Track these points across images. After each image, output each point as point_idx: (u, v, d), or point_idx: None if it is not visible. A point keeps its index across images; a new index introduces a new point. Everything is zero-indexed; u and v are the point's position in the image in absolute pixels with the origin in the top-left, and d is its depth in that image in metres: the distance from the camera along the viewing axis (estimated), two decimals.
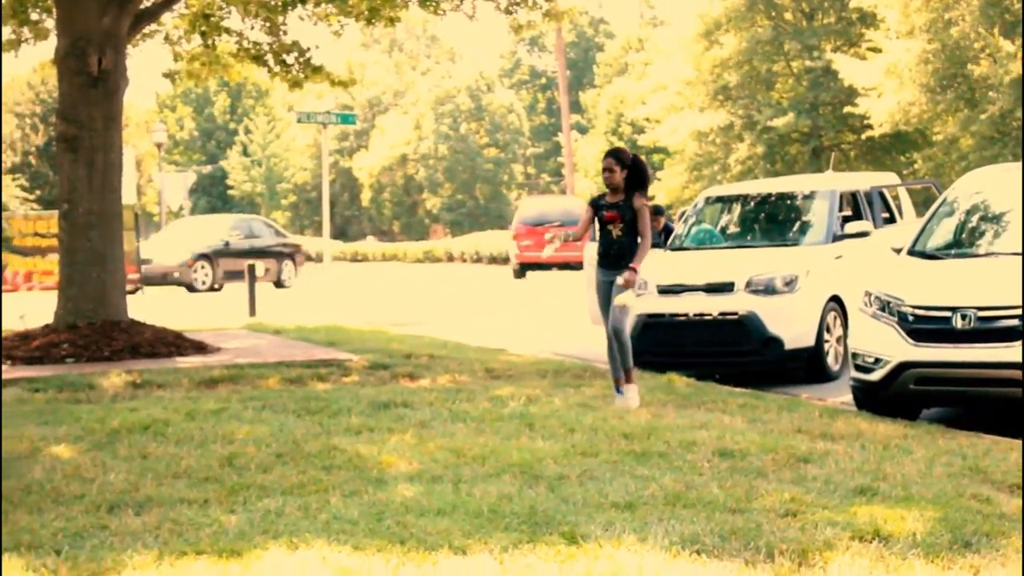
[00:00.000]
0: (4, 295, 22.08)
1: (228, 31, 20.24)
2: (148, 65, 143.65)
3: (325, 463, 8.36)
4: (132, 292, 21.60)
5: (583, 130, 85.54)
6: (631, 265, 11.03)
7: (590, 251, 16.24)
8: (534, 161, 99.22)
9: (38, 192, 49.29)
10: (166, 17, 19.31)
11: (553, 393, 11.83)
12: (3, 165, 49.28)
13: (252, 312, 21.74)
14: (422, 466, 8.26)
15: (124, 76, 16.20)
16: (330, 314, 21.86)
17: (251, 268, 22.88)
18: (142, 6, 16.90)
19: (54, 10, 17.11)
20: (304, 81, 20.77)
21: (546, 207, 42.76)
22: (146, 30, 18.87)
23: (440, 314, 24.15)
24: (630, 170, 11.35)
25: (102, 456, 8.66)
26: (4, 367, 14.03)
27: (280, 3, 18.46)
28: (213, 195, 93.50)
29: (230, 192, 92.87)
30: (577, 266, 25.26)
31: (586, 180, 70.85)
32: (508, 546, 6.19)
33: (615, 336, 11.23)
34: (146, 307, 20.17)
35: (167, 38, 20.59)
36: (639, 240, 11.26)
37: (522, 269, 39.53)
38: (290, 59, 20.30)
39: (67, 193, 15.75)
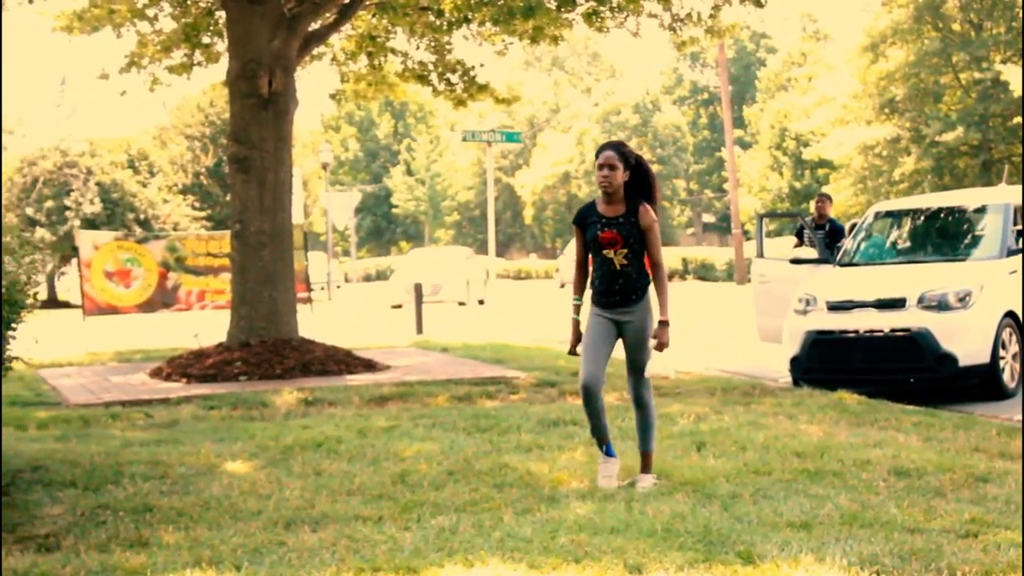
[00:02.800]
0: (178, 314, 22.58)
1: (394, 51, 20.51)
2: (314, 87, 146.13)
3: (497, 480, 8.35)
4: (306, 302, 21.91)
5: (746, 145, 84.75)
6: (663, 317, 8.09)
7: (760, 267, 16.03)
8: (696, 177, 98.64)
9: (207, 211, 50.30)
10: (333, 39, 19.59)
11: (722, 411, 11.68)
12: (164, 186, 50.45)
13: (419, 330, 21.90)
14: (593, 484, 8.22)
15: (294, 97, 16.47)
16: (495, 332, 21.91)
17: (418, 287, 23.06)
18: (311, 28, 17.16)
19: (225, 34, 17.46)
20: (468, 100, 20.91)
21: None
22: (314, 52, 19.15)
23: None
24: (634, 171, 8.21)
25: (277, 473, 8.77)
26: (180, 384, 14.35)
27: (446, 23, 18.60)
28: (378, 214, 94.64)
29: (394, 211, 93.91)
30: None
31: (750, 196, 70.15)
32: (684, 565, 6.09)
33: (637, 403, 8.56)
34: (315, 325, 20.43)
35: (334, 59, 20.91)
36: (650, 271, 8.30)
37: None
38: (455, 78, 20.47)
39: (239, 213, 16.04)
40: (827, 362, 13.91)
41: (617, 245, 8.08)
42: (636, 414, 8.59)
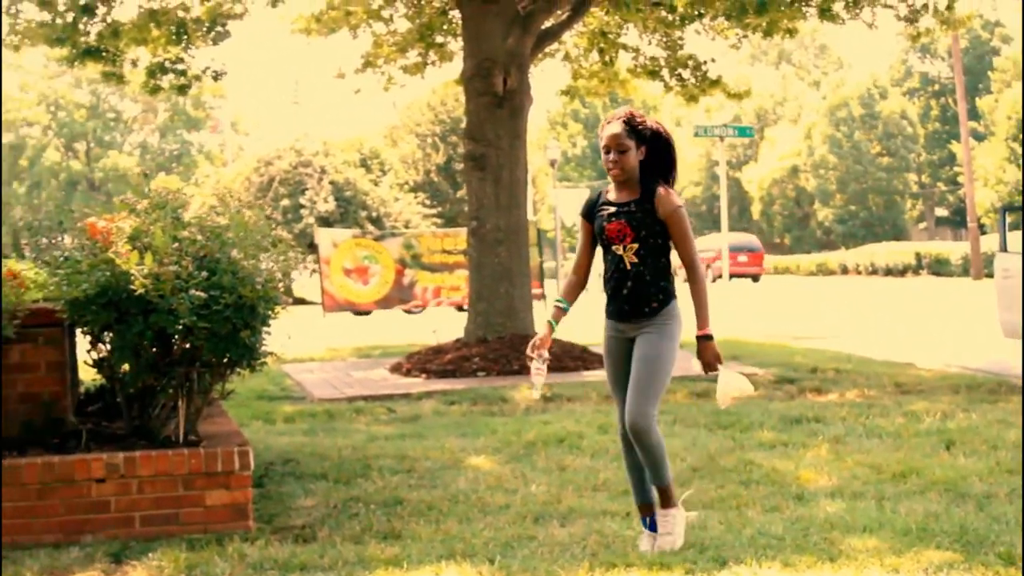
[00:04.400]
0: (416, 311, 22.95)
1: (625, 47, 20.48)
2: (541, 83, 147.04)
3: (743, 478, 8.26)
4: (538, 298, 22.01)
5: (980, 137, 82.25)
6: (703, 331, 6.36)
7: (1003, 261, 15.51)
8: (928, 169, 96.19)
9: (438, 209, 51.05)
10: (565, 36, 19.64)
11: (969, 408, 11.36)
12: (395, 184, 51.24)
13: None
14: (841, 482, 8.07)
15: (528, 95, 16.57)
16: (729, 327, 21.70)
17: None
18: (544, 26, 17.24)
19: (460, 33, 17.68)
20: (700, 95, 20.77)
21: None
22: (547, 49, 19.24)
23: (840, 327, 23.61)
24: (651, 145, 6.43)
25: (521, 468, 8.83)
26: (420, 379, 14.58)
27: (678, 18, 18.49)
28: None
29: None
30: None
31: (985, 189, 68.07)
32: (942, 566, 5.94)
33: (636, 438, 6.30)
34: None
35: (567, 56, 20.98)
36: (674, 270, 6.53)
37: None
38: (686, 73, 20.34)
39: (475, 210, 16.21)
40: None
41: (626, 239, 6.36)
42: (636, 452, 6.46)
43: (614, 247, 6.40)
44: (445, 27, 19.91)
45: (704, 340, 6.32)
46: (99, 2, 16.99)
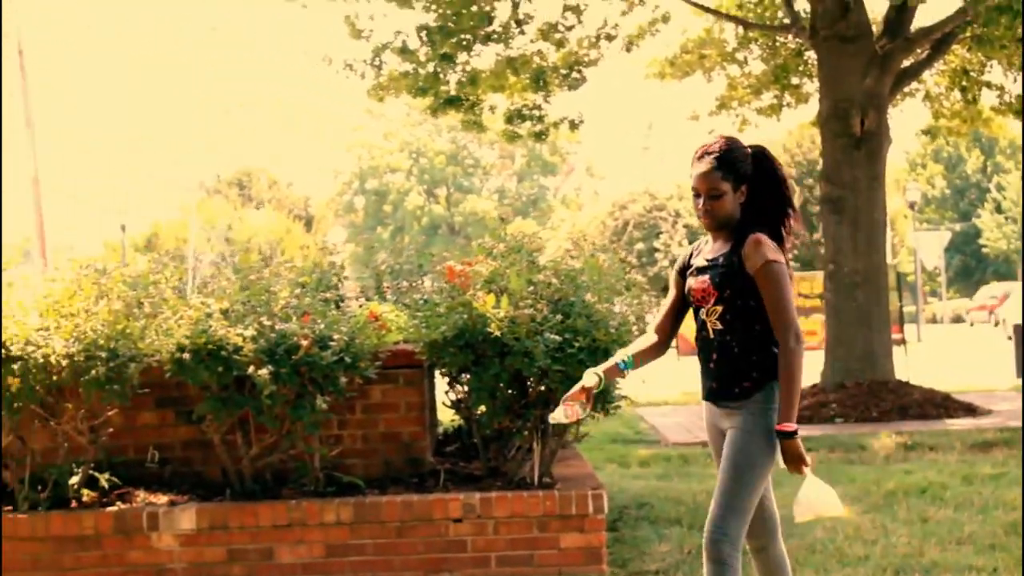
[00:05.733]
0: None
1: (989, 85, 19.79)
2: (899, 124, 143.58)
3: None
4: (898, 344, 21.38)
5: None
6: (782, 426, 4.69)
7: None
8: None
9: (795, 252, 50.45)
10: (926, 74, 19.15)
11: None
12: None
13: (1021, 373, 20.87)
14: None
15: (886, 136, 16.22)
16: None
17: (1018, 328, 22.02)
18: (903, 65, 16.86)
19: (816, 74, 17.47)
20: None
21: None
22: (906, 89, 18.79)
23: None
24: (753, 184, 4.97)
25: (881, 518, 8.58)
26: None
27: None
28: (966, 253, 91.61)
29: (983, 251, 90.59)
30: None
31: None
32: None
33: (706, 556, 4.80)
34: (908, 367, 19.91)
35: (927, 95, 20.44)
36: (759, 340, 4.86)
37: None
38: None
39: (832, 253, 15.95)
40: None
41: (709, 301, 4.93)
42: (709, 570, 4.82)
43: (701, 312, 4.98)
44: (800, 68, 19.73)
45: (784, 437, 4.67)
46: (459, 51, 17.55)
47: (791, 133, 52.68)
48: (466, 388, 7.67)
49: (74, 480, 7.41)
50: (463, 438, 9.03)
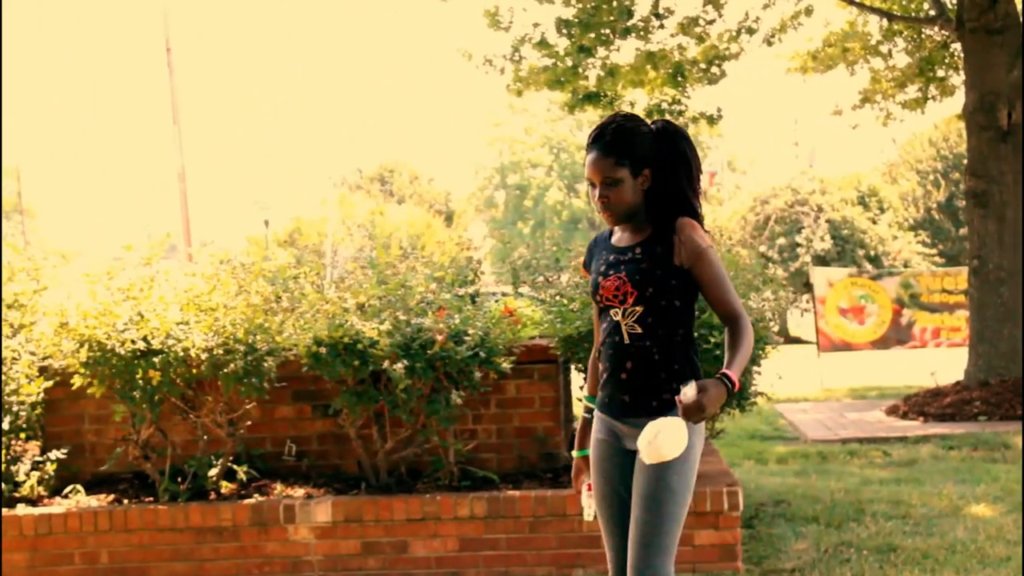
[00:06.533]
0: (912, 351, 22.32)
1: None
2: None
3: None
4: None
5: None
6: (725, 370, 3.86)
7: None
8: None
9: (939, 247, 49.53)
10: None
11: None
12: (893, 222, 50.04)
13: None
14: None
15: None
16: None
17: None
18: None
19: (962, 66, 17.14)
20: None
21: None
22: None
23: None
24: (657, 164, 4.20)
25: (1021, 519, 8.41)
26: (917, 422, 14.18)
27: None
28: None
29: None
30: None
31: None
32: None
33: None
34: None
35: None
36: (682, 346, 4.19)
37: None
38: None
39: (977, 249, 15.65)
40: None
41: (627, 301, 4.16)
42: None
43: (611, 312, 4.22)
44: (946, 61, 19.37)
45: (720, 382, 3.77)
46: (597, 45, 17.54)
47: (936, 127, 51.73)
48: None
49: (213, 472, 7.58)
50: None
